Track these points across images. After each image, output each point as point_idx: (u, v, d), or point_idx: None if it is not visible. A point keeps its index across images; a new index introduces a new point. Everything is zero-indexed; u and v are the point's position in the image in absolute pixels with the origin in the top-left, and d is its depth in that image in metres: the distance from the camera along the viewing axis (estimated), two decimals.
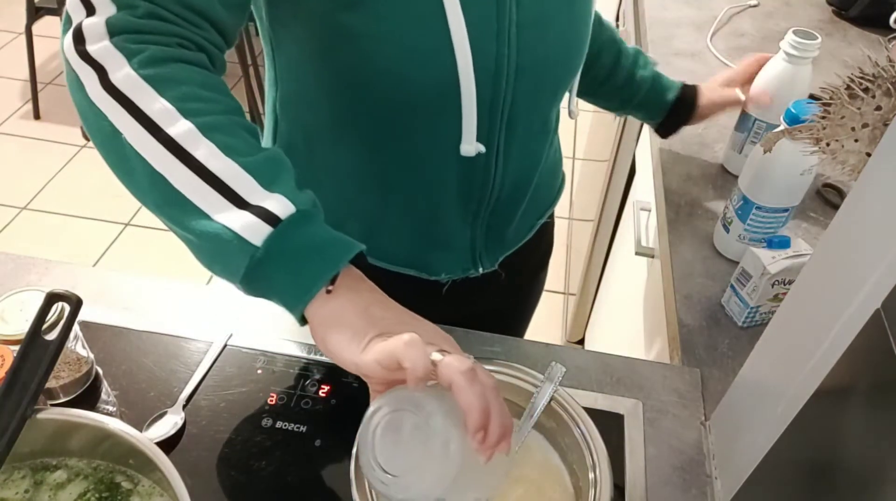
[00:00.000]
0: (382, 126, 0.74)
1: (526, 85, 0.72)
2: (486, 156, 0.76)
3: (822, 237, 0.61)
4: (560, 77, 0.78)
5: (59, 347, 0.61)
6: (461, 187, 0.79)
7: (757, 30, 1.57)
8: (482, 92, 0.70)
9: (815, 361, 0.58)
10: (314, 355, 0.84)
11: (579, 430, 0.65)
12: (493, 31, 0.67)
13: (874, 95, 0.80)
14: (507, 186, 0.82)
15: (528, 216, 0.93)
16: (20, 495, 0.63)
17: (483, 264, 0.90)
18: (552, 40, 0.72)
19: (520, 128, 0.77)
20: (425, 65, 0.67)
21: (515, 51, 0.69)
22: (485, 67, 0.68)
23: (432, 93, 0.69)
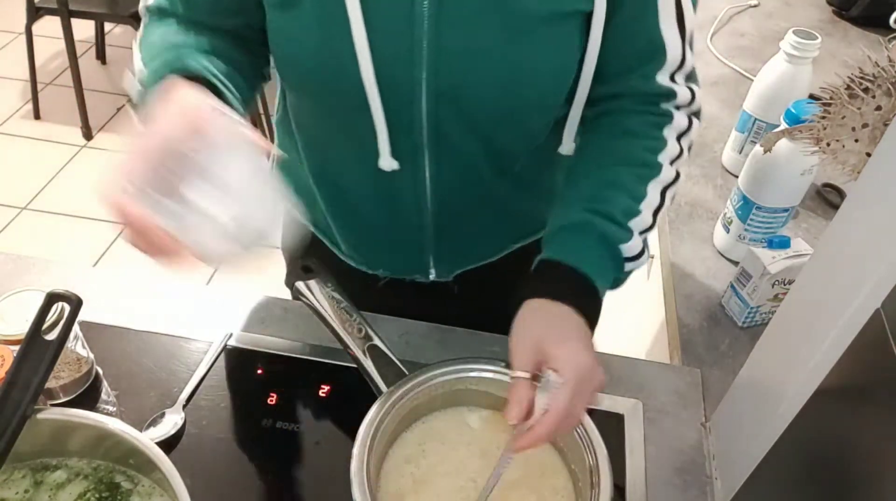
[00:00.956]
0: (317, 129, 0.81)
1: (449, 112, 0.71)
2: (413, 173, 0.77)
3: (822, 237, 0.61)
4: (502, 113, 0.72)
5: (59, 347, 0.61)
6: (392, 198, 0.81)
7: (757, 30, 1.57)
8: (397, 111, 0.71)
9: (815, 361, 0.58)
10: (314, 355, 0.84)
11: (579, 430, 0.65)
12: (403, 55, 0.67)
13: (874, 95, 0.80)
14: (448, 206, 0.82)
15: (494, 237, 0.90)
16: (20, 495, 0.63)
17: (437, 273, 0.90)
18: (484, 73, 0.68)
19: (450, 152, 0.76)
20: (333, 79, 0.70)
21: (432, 76, 0.68)
22: (395, 88, 0.69)
23: (346, 106, 0.72)
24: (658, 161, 0.71)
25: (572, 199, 0.72)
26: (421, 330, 0.88)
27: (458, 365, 0.70)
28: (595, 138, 0.76)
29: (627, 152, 0.73)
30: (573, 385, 0.58)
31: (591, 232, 0.68)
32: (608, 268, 0.69)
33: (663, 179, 0.71)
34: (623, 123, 0.74)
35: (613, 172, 0.72)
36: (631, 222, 0.69)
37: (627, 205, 0.69)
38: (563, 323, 0.63)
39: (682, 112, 0.74)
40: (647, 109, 0.73)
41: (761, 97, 1.10)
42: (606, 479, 0.62)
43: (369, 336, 0.72)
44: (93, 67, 3.10)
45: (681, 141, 0.73)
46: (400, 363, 0.70)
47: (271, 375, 0.82)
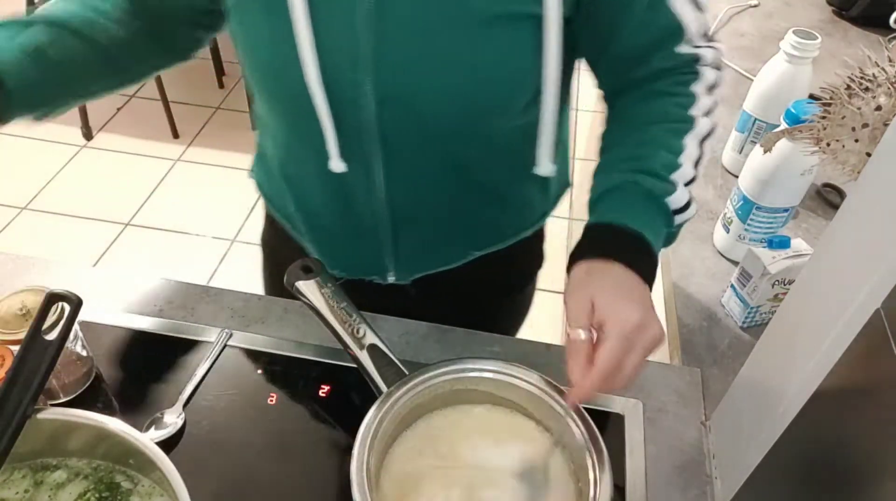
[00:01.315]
0: (276, 127, 0.82)
1: (397, 117, 0.71)
2: (366, 177, 0.77)
3: (822, 237, 0.61)
4: (453, 118, 0.71)
5: (59, 347, 0.61)
6: (346, 200, 0.82)
7: (757, 30, 1.57)
8: (344, 115, 0.71)
9: (815, 361, 0.58)
10: (314, 355, 0.84)
11: (579, 430, 0.65)
12: (347, 60, 0.67)
13: (874, 95, 0.80)
14: (403, 210, 0.81)
15: (455, 244, 0.89)
16: (20, 495, 0.63)
17: (396, 276, 0.90)
18: (429, 77, 0.68)
19: (402, 157, 0.75)
20: (279, 80, 0.72)
21: (376, 81, 0.68)
22: (341, 93, 0.69)
23: (296, 108, 0.73)
24: (691, 115, 0.71)
25: (611, 164, 0.72)
26: (421, 330, 0.88)
27: (458, 365, 0.70)
28: (624, 106, 0.76)
29: (659, 111, 0.73)
30: (617, 340, 0.59)
31: (636, 190, 0.68)
32: (658, 223, 0.68)
33: (699, 131, 0.71)
34: (650, 87, 0.74)
35: (648, 132, 0.72)
36: (673, 175, 0.69)
37: (667, 159, 0.69)
38: (614, 281, 0.63)
39: (709, 68, 0.73)
40: (673, 73, 0.73)
41: (761, 97, 1.10)
42: (606, 479, 0.62)
43: (369, 336, 0.72)
44: None
45: (712, 94, 0.73)
46: (400, 363, 0.70)
47: (271, 375, 0.82)
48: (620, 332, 0.59)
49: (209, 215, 2.51)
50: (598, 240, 0.67)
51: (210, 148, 2.76)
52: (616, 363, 0.59)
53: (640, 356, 0.60)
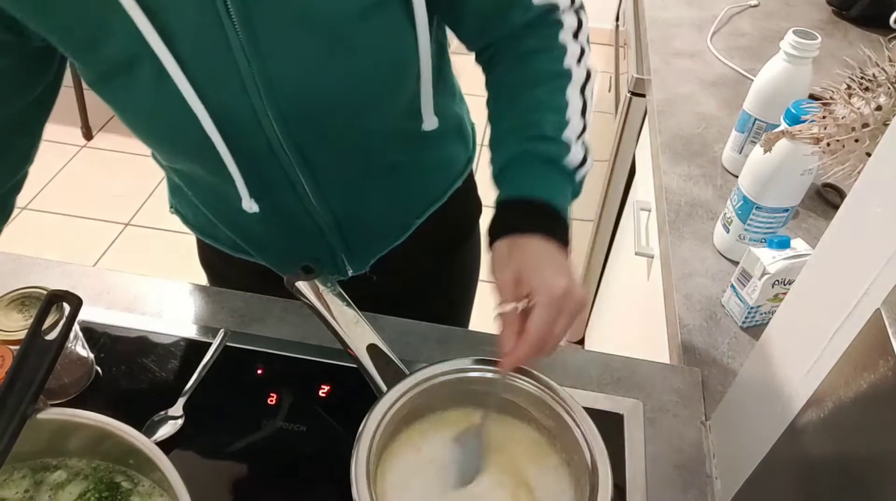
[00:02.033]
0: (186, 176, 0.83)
1: (304, 132, 0.71)
2: (297, 198, 0.78)
3: (822, 237, 0.61)
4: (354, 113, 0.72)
5: (59, 347, 0.61)
6: (286, 222, 0.82)
7: (757, 30, 1.57)
8: (253, 150, 0.71)
9: (815, 361, 0.58)
10: (314, 355, 0.84)
11: (579, 430, 0.65)
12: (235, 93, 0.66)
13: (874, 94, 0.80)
14: (342, 211, 0.83)
15: (396, 219, 0.91)
16: (20, 495, 0.63)
17: (353, 268, 0.91)
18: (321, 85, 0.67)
19: (323, 166, 0.76)
20: (173, 141, 0.72)
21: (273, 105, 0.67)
22: (240, 128, 0.69)
23: (198, 159, 0.73)
24: (565, 68, 0.73)
25: (503, 135, 0.74)
26: (421, 330, 0.89)
27: (458, 365, 0.70)
28: (500, 73, 0.77)
29: (535, 72, 0.74)
30: (546, 307, 0.62)
31: (533, 159, 0.71)
32: (562, 185, 0.71)
33: (577, 81, 0.73)
34: (518, 48, 0.75)
35: (529, 97, 0.73)
36: (565, 134, 0.71)
37: (555, 120, 0.71)
38: (536, 252, 0.66)
39: (569, 13, 0.75)
40: (536, 27, 0.74)
41: (761, 97, 1.10)
42: (606, 479, 0.62)
43: (369, 336, 0.72)
44: None
45: (578, 39, 0.75)
46: (400, 363, 0.70)
47: (271, 375, 0.82)
48: (549, 300, 0.62)
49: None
50: (511, 215, 0.69)
51: None
52: (547, 328, 0.62)
53: (567, 320, 0.63)
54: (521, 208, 0.69)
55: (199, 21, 0.62)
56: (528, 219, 0.68)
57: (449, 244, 1.04)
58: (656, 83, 1.39)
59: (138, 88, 0.66)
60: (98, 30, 0.62)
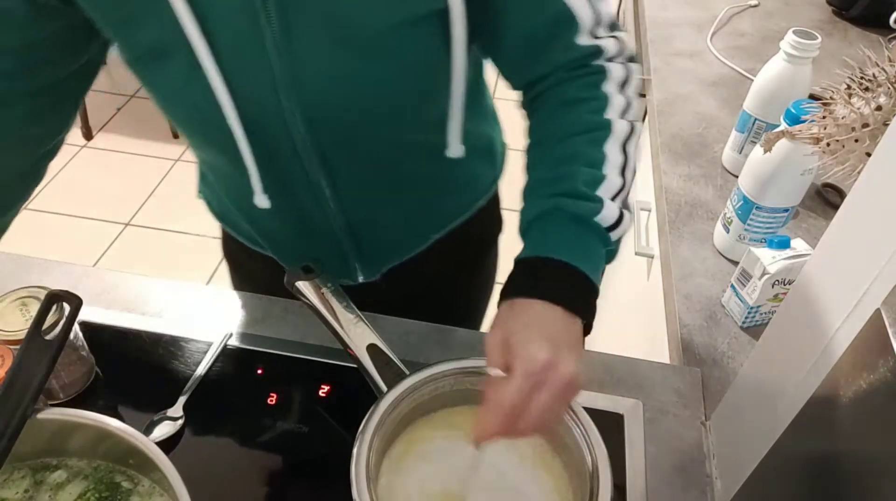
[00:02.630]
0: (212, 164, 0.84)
1: (327, 135, 0.71)
2: (314, 197, 0.78)
3: (822, 237, 0.61)
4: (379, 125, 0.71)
5: (59, 347, 0.61)
6: (301, 221, 0.82)
7: (757, 30, 1.57)
8: (276, 146, 0.71)
9: (815, 361, 0.58)
10: (314, 355, 0.84)
11: (579, 430, 0.65)
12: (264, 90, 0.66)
13: (874, 95, 0.80)
14: (357, 216, 0.82)
15: (412, 232, 0.90)
16: (20, 495, 0.63)
17: (364, 275, 0.91)
18: (349, 93, 0.67)
19: (344, 173, 0.76)
20: (201, 128, 0.73)
21: (300, 106, 0.67)
22: (264, 124, 0.69)
23: (223, 149, 0.73)
24: (606, 119, 0.68)
25: (533, 188, 0.69)
26: (421, 330, 0.89)
27: (459, 365, 0.70)
28: (538, 121, 0.73)
29: (573, 122, 0.69)
30: (521, 379, 0.56)
31: (561, 216, 0.64)
32: (591, 245, 0.65)
33: (618, 135, 0.68)
34: (560, 96, 0.70)
35: (565, 147, 0.68)
36: (599, 191, 0.65)
37: (589, 174, 0.66)
38: (531, 317, 0.60)
39: (616, 63, 0.70)
40: (579, 73, 0.70)
41: (761, 97, 1.10)
42: (606, 479, 0.62)
43: (369, 336, 0.72)
44: None
45: (624, 91, 0.70)
46: (400, 363, 0.70)
47: (271, 375, 0.82)
48: (524, 370, 0.56)
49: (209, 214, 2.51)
50: (522, 275, 0.64)
51: None
52: (515, 402, 0.56)
53: (549, 396, 0.56)
54: (536, 269, 0.63)
55: (238, 16, 0.62)
56: (538, 281, 0.62)
57: (465, 260, 1.01)
58: (656, 83, 1.39)
59: (171, 73, 0.67)
60: (139, 13, 0.63)
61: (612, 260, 0.68)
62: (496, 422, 0.56)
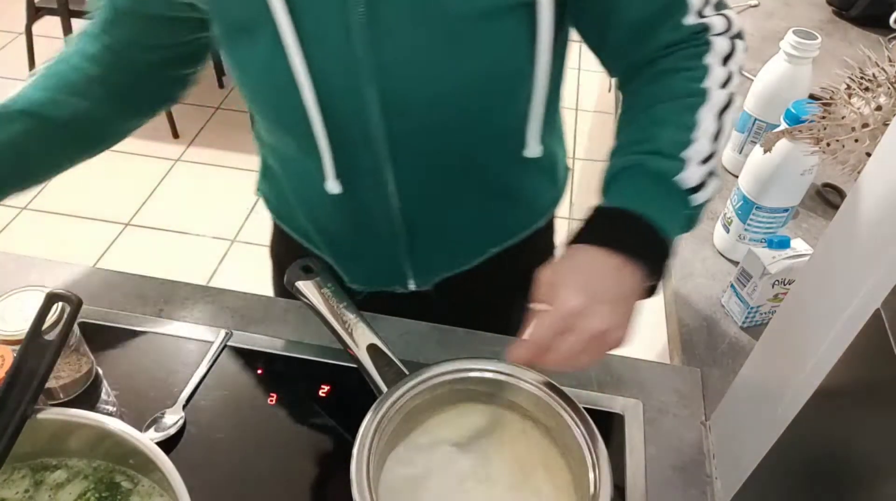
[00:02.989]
0: (279, 147, 0.82)
1: (403, 124, 0.70)
2: (377, 189, 0.77)
3: (822, 237, 0.61)
4: (456, 117, 0.71)
5: (59, 347, 0.61)
6: (360, 213, 0.81)
7: (757, 30, 1.57)
8: (347, 131, 0.71)
9: (815, 361, 0.58)
10: (314, 355, 0.84)
11: (579, 430, 0.65)
12: (344, 73, 0.66)
13: (874, 95, 0.80)
14: (417, 216, 0.81)
15: (470, 243, 0.89)
16: (20, 495, 0.63)
17: (416, 283, 0.90)
18: (430, 80, 0.67)
19: (411, 166, 0.75)
20: (276, 105, 0.72)
21: (379, 91, 0.67)
22: (341, 109, 0.69)
23: (296, 129, 0.72)
24: (704, 87, 0.67)
25: (619, 147, 0.68)
26: (421, 330, 0.89)
27: (458, 365, 0.70)
28: (634, 89, 0.72)
29: (669, 88, 0.69)
30: (551, 317, 0.57)
31: (641, 171, 0.64)
32: (666, 202, 0.64)
33: (714, 103, 0.67)
34: (660, 66, 0.70)
35: (656, 111, 0.68)
36: (685, 152, 0.64)
37: (676, 136, 0.65)
38: (583, 261, 0.60)
39: (722, 37, 0.69)
40: (682, 46, 0.69)
41: (761, 97, 1.10)
42: (606, 479, 0.62)
43: (369, 336, 0.72)
44: None
45: (727, 64, 0.69)
46: (400, 363, 0.70)
47: (271, 375, 0.82)
48: (557, 311, 0.58)
49: (209, 215, 2.51)
50: (587, 224, 0.64)
51: (210, 148, 2.76)
52: (546, 341, 0.58)
53: (577, 340, 0.57)
54: (602, 218, 0.63)
55: None
56: (600, 228, 0.62)
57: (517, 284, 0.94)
58: None
59: (255, 51, 0.67)
60: None
61: (693, 226, 0.67)
62: (524, 351, 0.59)
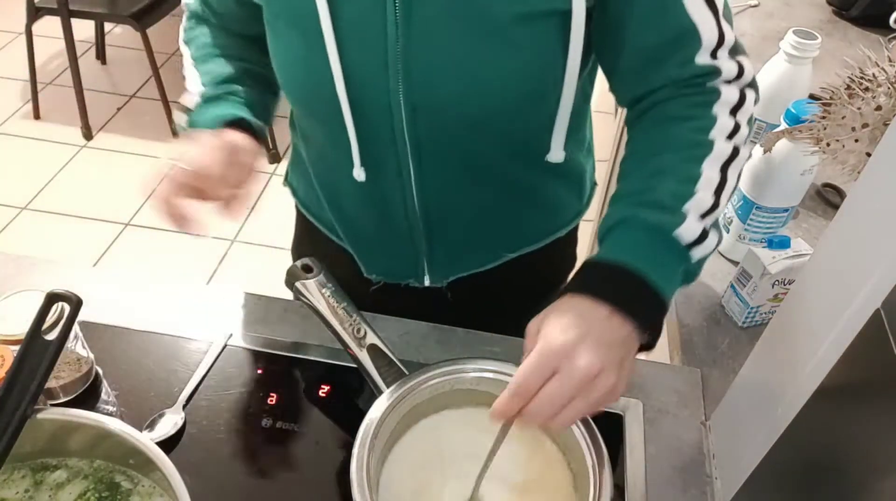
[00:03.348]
0: (309, 133, 0.85)
1: (428, 122, 0.71)
2: (398, 182, 0.78)
3: (822, 237, 0.61)
4: (482, 118, 0.70)
5: (59, 347, 0.61)
6: (380, 205, 0.82)
7: (757, 30, 1.57)
8: (373, 124, 0.73)
9: (815, 361, 0.58)
10: (314, 355, 0.84)
11: (579, 430, 0.65)
12: (376, 67, 0.68)
13: (874, 95, 0.80)
14: (437, 213, 0.82)
15: (488, 245, 0.89)
16: (20, 495, 0.63)
17: (431, 278, 0.91)
18: (459, 80, 0.67)
19: (433, 161, 0.76)
20: (311, 92, 0.75)
21: (407, 88, 0.68)
22: (369, 101, 0.71)
23: (326, 117, 0.75)
24: (709, 139, 0.65)
25: (618, 197, 0.67)
26: (421, 330, 0.89)
27: (458, 365, 0.70)
28: (639, 132, 0.71)
29: (673, 137, 0.67)
30: (535, 357, 0.55)
31: (636, 224, 0.62)
32: (664, 258, 0.61)
33: (718, 155, 0.65)
34: (666, 111, 0.69)
35: (659, 160, 0.66)
36: (685, 206, 0.62)
37: (676, 189, 0.63)
38: (569, 307, 0.58)
39: (732, 86, 0.68)
40: (691, 90, 0.68)
41: (761, 97, 1.09)
42: (606, 479, 0.62)
43: (369, 336, 0.72)
44: (93, 67, 3.10)
45: (736, 116, 0.67)
46: (400, 363, 0.70)
47: (271, 375, 0.82)
48: (540, 351, 0.55)
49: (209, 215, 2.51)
50: (579, 274, 0.62)
51: None
52: (526, 384, 0.55)
53: (561, 386, 0.54)
54: (597, 271, 0.61)
55: None
56: (592, 279, 0.60)
57: (533, 291, 0.91)
58: None
59: (294, 37, 0.71)
60: None
61: (691, 281, 0.65)
62: (505, 401, 0.55)
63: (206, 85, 0.81)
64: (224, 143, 0.73)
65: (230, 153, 0.72)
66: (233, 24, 0.83)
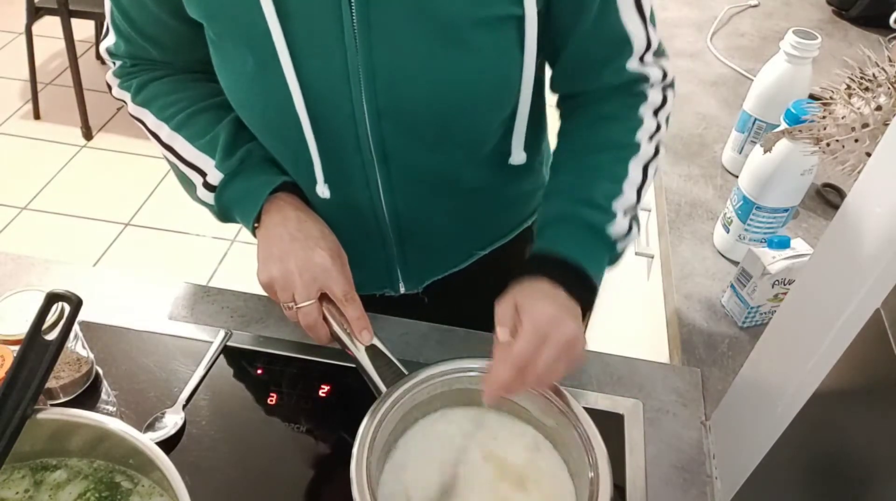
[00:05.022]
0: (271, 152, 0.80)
1: (393, 129, 0.71)
2: (367, 192, 0.78)
3: (822, 237, 0.61)
4: (445, 123, 0.71)
5: (59, 347, 0.61)
6: (350, 216, 0.81)
7: (757, 30, 1.57)
8: (337, 135, 0.72)
9: (815, 361, 0.58)
10: (314, 355, 0.84)
11: (579, 430, 0.65)
12: (337, 79, 0.67)
13: (874, 95, 0.80)
14: (406, 219, 0.82)
15: (459, 246, 0.91)
16: (20, 495, 0.63)
17: (406, 286, 0.91)
18: (421, 86, 0.68)
19: (400, 168, 0.76)
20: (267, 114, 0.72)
21: (371, 96, 0.68)
22: (332, 114, 0.70)
23: (284, 136, 0.73)
24: (636, 140, 0.74)
25: (556, 191, 0.75)
26: (421, 330, 0.89)
27: (458, 365, 0.70)
28: (572, 128, 0.78)
29: (605, 137, 0.75)
30: (530, 333, 0.62)
31: (577, 222, 0.71)
32: (599, 252, 0.72)
33: (643, 156, 0.74)
34: (598, 110, 0.76)
35: (593, 160, 0.75)
36: (615, 204, 0.72)
37: (608, 188, 0.72)
38: (536, 289, 0.67)
39: (656, 89, 0.76)
40: (621, 93, 0.76)
41: (761, 97, 1.10)
42: (606, 479, 0.62)
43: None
44: (93, 67, 3.10)
45: (657, 116, 0.76)
46: (400, 363, 0.70)
47: (271, 375, 0.82)
48: (533, 324, 0.62)
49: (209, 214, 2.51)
50: (534, 264, 0.70)
51: None
52: (527, 354, 0.62)
53: (554, 350, 0.62)
54: (548, 262, 0.69)
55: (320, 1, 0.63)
56: (547, 268, 0.69)
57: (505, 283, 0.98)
58: None
59: (242, 55, 0.68)
60: None
61: (613, 264, 0.75)
62: (506, 375, 0.62)
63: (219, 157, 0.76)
64: (333, 247, 0.73)
65: (341, 254, 0.74)
66: (173, 57, 0.78)
